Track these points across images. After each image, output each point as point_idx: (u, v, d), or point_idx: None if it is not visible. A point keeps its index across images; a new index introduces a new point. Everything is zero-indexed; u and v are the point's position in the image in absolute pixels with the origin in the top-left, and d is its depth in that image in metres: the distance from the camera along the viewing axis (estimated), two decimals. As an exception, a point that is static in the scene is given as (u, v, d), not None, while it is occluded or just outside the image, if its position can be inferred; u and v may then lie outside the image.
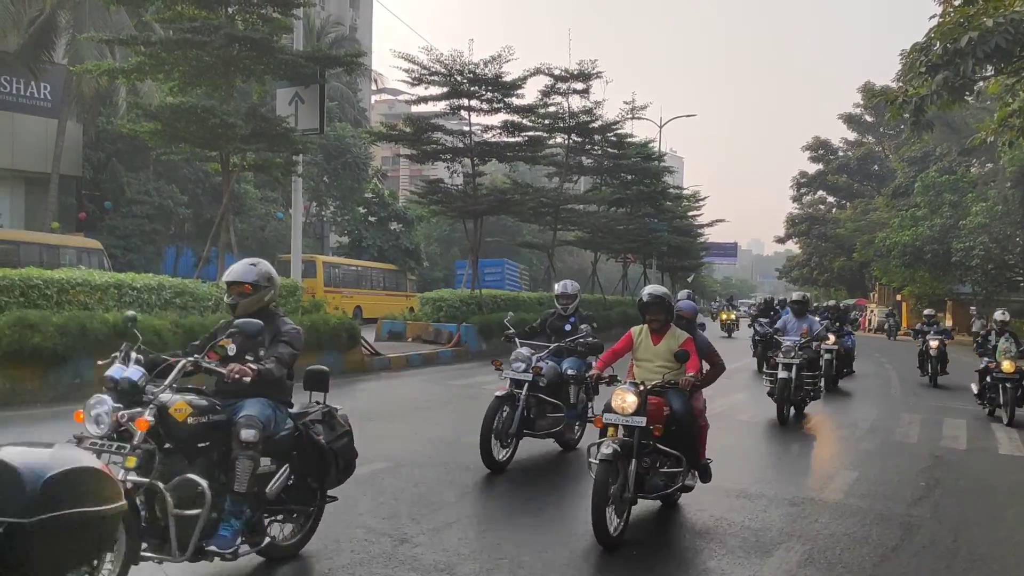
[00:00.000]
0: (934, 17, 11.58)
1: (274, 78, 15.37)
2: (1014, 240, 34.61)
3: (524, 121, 22.06)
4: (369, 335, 16.39)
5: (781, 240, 64.97)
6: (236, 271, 4.50)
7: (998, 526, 6.31)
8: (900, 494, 6.95)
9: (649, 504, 5.76)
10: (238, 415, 4.08)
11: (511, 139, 22.27)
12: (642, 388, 5.31)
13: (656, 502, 5.81)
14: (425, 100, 20.57)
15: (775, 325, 12.00)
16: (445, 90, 20.05)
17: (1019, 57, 10.82)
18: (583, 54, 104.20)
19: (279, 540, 4.49)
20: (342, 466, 4.67)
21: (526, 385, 7.12)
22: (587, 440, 6.54)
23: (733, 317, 32.35)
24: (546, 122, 23.88)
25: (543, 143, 23.94)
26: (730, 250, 71.31)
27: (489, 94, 20.28)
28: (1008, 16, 9.87)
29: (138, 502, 3.64)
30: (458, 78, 19.71)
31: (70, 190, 27.30)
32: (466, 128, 20.99)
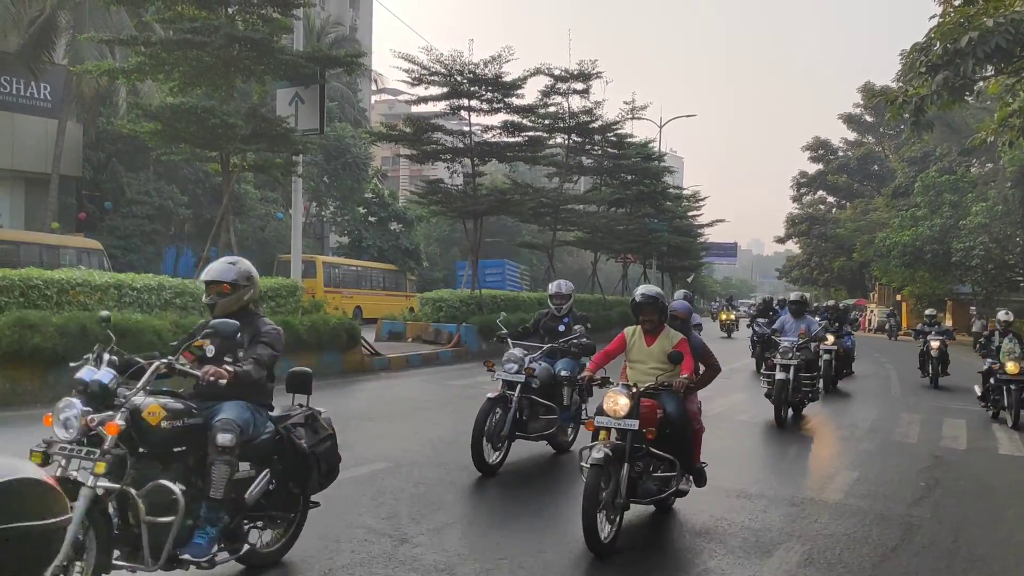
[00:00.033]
0: (934, 17, 11.57)
1: (274, 78, 15.38)
2: (1014, 240, 34.57)
3: (524, 121, 22.06)
4: (369, 335, 16.39)
5: (781, 240, 65.08)
6: (215, 270, 4.40)
7: (998, 526, 6.30)
8: (900, 494, 6.94)
9: (644, 508, 5.73)
10: (215, 419, 3.96)
11: (511, 139, 22.28)
12: (635, 390, 5.19)
13: (651, 507, 5.76)
14: (425, 100, 20.58)
15: (773, 325, 11.91)
16: (445, 90, 20.06)
17: (1019, 57, 10.81)
18: (583, 54, 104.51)
19: (260, 547, 4.37)
20: (325, 471, 4.52)
21: (518, 386, 7.03)
22: (580, 443, 6.51)
23: (733, 317, 32.37)
24: (546, 122, 23.86)
25: (543, 143, 23.93)
26: (730, 250, 71.28)
27: (489, 94, 20.29)
28: (1008, 16, 9.86)
29: (111, 509, 3.54)
30: (458, 78, 19.72)
31: (70, 190, 27.29)
32: (466, 128, 20.99)
